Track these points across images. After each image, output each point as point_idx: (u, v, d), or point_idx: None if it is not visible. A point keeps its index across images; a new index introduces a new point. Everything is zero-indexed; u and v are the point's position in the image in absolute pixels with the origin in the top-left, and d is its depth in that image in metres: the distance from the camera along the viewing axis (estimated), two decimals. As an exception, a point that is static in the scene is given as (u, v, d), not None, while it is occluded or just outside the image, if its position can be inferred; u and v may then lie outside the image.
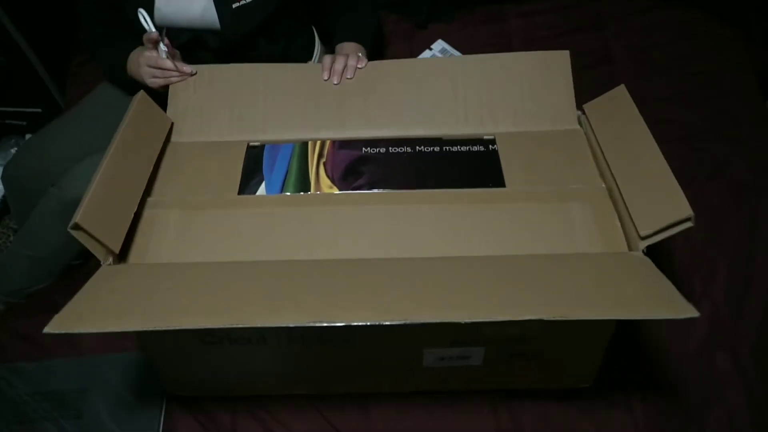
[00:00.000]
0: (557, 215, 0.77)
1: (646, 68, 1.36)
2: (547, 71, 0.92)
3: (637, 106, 0.82)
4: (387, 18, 1.50)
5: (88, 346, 0.96)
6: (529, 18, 1.48)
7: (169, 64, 0.92)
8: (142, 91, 0.87)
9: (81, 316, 0.59)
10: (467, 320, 0.55)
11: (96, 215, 0.69)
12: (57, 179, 1.02)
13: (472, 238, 0.76)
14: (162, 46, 0.93)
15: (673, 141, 1.20)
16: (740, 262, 1.04)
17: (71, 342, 0.97)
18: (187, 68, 0.94)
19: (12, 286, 1.08)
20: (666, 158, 0.75)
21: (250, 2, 0.97)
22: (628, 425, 0.86)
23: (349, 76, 0.94)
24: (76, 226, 0.66)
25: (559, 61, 0.92)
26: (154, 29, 0.91)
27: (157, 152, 0.86)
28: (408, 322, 0.55)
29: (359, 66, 0.95)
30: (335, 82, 0.93)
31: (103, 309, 0.60)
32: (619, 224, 0.76)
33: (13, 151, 1.48)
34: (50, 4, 1.47)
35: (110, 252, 0.70)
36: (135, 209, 0.77)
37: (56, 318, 0.57)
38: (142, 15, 0.91)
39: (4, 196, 1.39)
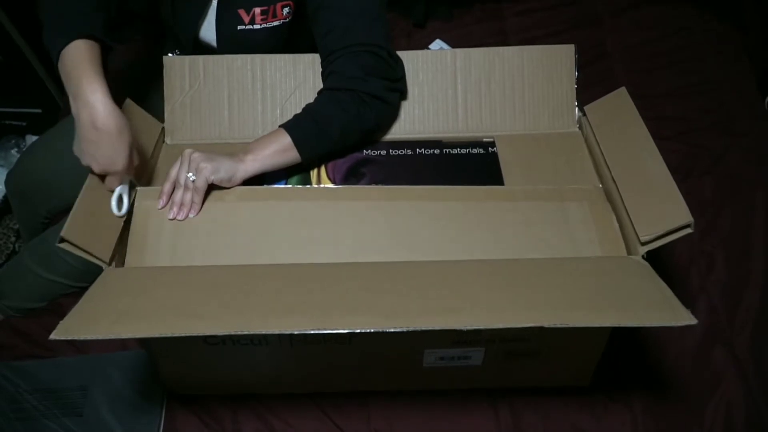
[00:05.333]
0: (556, 215, 0.77)
1: (643, 64, 1.37)
2: (550, 67, 0.90)
3: (634, 102, 0.83)
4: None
5: (89, 344, 0.96)
6: (526, 16, 1.49)
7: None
8: (128, 99, 0.86)
9: (86, 322, 0.59)
10: (469, 327, 0.56)
11: (84, 227, 0.68)
12: (60, 186, 1.01)
13: (472, 238, 0.76)
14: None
15: (670, 136, 1.21)
16: (737, 256, 1.04)
17: (72, 341, 0.98)
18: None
19: (19, 303, 1.04)
20: (663, 153, 0.75)
21: (258, 28, 0.90)
22: (627, 420, 0.86)
23: (182, 217, 0.78)
24: (62, 240, 0.66)
25: (563, 55, 0.90)
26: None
27: (149, 156, 0.86)
28: (411, 329, 0.56)
29: (195, 200, 0.78)
30: (170, 217, 0.78)
31: (108, 315, 0.60)
32: (617, 226, 0.76)
33: (13, 151, 1.48)
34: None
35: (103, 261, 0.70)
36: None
37: (62, 324, 0.57)
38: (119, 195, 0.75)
39: (5, 196, 1.39)
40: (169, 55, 0.92)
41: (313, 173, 0.86)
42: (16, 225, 1.39)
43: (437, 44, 1.41)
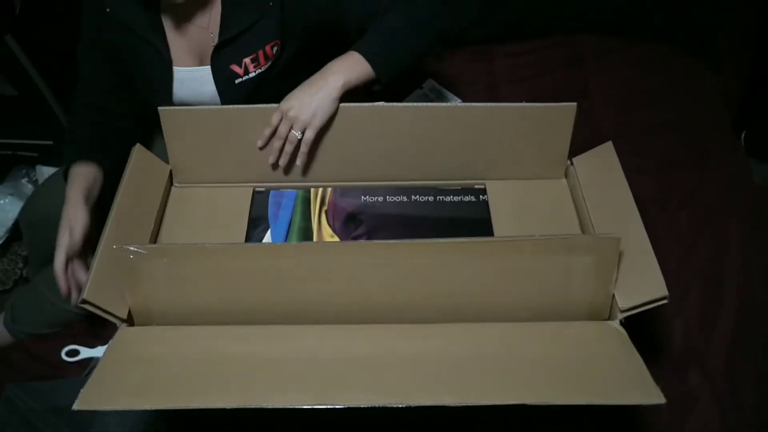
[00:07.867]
0: (551, 271, 0.76)
1: (623, 103, 1.45)
2: (549, 123, 0.91)
3: (614, 137, 0.89)
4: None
5: (98, 364, 1.00)
6: (515, 58, 1.57)
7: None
8: (138, 144, 0.88)
9: (106, 393, 0.64)
10: (458, 404, 0.62)
11: (103, 287, 0.71)
12: None
13: (464, 291, 0.76)
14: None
15: (648, 171, 1.28)
16: (712, 283, 1.10)
17: (82, 363, 1.01)
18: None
19: (33, 329, 1.08)
20: (642, 186, 0.81)
21: (253, 76, 0.95)
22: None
23: (282, 163, 0.89)
24: (84, 302, 0.70)
25: (563, 114, 0.90)
26: None
27: (158, 206, 0.88)
28: (405, 404, 0.62)
29: (303, 149, 0.87)
30: (271, 162, 0.89)
31: (125, 385, 0.65)
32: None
33: (24, 180, 1.52)
34: (63, 36, 1.52)
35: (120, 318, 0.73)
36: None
37: (84, 393, 0.62)
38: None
39: (14, 224, 1.43)
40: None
41: (314, 218, 0.90)
42: (23, 251, 1.43)
43: (430, 83, 1.48)
